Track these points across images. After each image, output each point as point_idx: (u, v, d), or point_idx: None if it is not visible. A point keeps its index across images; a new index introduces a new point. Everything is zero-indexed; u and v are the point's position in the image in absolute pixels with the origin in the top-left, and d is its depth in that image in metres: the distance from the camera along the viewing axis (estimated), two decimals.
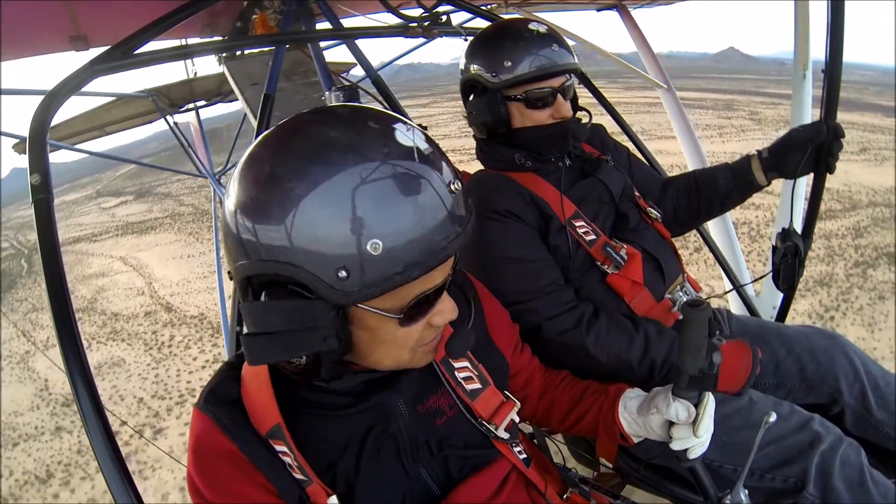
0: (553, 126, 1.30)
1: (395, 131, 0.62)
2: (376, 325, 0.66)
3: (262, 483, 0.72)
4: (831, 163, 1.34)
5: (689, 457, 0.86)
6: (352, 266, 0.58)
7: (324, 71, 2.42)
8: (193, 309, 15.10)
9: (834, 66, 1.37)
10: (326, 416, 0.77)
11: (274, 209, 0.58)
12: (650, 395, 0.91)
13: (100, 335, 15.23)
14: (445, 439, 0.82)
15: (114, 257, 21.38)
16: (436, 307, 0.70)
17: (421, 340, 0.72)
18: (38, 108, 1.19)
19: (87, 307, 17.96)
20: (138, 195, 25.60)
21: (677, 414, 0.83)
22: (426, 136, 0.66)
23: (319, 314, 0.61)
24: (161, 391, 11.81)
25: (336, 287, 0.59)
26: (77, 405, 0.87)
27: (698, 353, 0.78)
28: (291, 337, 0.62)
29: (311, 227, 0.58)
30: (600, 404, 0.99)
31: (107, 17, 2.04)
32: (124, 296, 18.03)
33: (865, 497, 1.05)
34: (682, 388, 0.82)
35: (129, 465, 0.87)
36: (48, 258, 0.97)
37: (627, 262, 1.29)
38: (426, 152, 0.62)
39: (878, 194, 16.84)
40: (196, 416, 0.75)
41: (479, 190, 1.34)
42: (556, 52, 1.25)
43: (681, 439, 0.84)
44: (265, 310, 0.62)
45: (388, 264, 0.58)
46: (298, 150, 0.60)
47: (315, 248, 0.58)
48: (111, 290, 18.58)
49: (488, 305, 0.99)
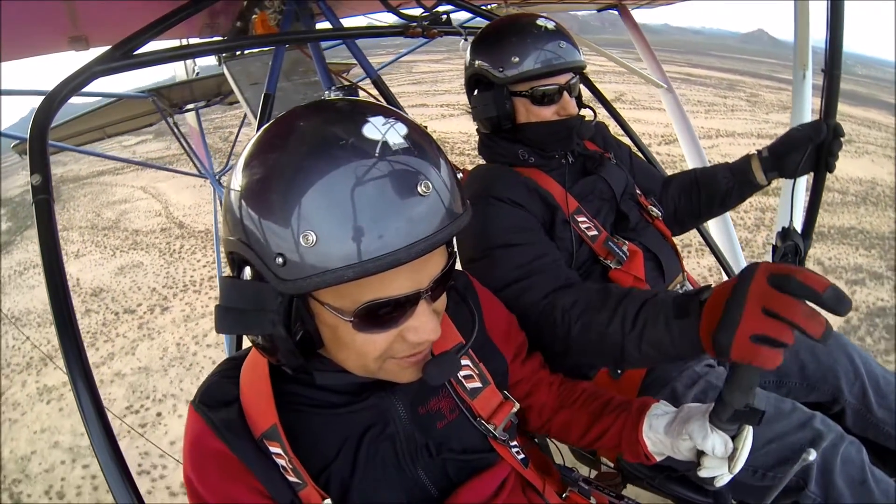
0: (558, 123, 1.29)
1: (367, 123, 0.59)
2: (335, 325, 0.64)
3: (254, 485, 0.72)
4: (831, 162, 1.34)
5: (716, 485, 0.79)
6: (288, 254, 0.57)
7: (324, 71, 2.43)
8: (201, 225, 18.25)
9: (834, 65, 1.37)
10: (323, 413, 0.77)
11: (242, 190, 0.60)
12: (681, 416, 0.83)
13: (123, 246, 18.99)
14: (445, 443, 0.81)
15: (135, 187, 24.49)
16: (408, 322, 0.65)
17: (390, 352, 0.67)
18: (39, 109, 1.19)
19: (112, 226, 21.49)
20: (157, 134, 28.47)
21: (714, 448, 0.75)
22: (409, 133, 0.60)
23: (268, 298, 0.61)
24: (170, 283, 15.14)
25: (275, 273, 0.58)
26: (77, 405, 0.87)
27: (750, 391, 0.72)
28: (245, 315, 0.63)
29: (258, 210, 0.59)
30: (623, 421, 0.91)
31: (107, 17, 2.04)
32: (144, 217, 21.35)
33: (866, 495, 1.04)
34: (722, 421, 0.75)
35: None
36: (48, 258, 0.97)
37: (629, 258, 1.29)
38: (395, 148, 0.57)
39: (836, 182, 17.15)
40: (191, 416, 0.75)
41: (482, 179, 1.33)
42: (563, 48, 1.24)
43: (711, 468, 0.77)
44: (229, 285, 0.65)
45: (323, 259, 0.56)
46: (270, 137, 0.62)
47: (260, 232, 0.58)
48: (133, 212, 21.99)
49: (487, 306, 0.97)
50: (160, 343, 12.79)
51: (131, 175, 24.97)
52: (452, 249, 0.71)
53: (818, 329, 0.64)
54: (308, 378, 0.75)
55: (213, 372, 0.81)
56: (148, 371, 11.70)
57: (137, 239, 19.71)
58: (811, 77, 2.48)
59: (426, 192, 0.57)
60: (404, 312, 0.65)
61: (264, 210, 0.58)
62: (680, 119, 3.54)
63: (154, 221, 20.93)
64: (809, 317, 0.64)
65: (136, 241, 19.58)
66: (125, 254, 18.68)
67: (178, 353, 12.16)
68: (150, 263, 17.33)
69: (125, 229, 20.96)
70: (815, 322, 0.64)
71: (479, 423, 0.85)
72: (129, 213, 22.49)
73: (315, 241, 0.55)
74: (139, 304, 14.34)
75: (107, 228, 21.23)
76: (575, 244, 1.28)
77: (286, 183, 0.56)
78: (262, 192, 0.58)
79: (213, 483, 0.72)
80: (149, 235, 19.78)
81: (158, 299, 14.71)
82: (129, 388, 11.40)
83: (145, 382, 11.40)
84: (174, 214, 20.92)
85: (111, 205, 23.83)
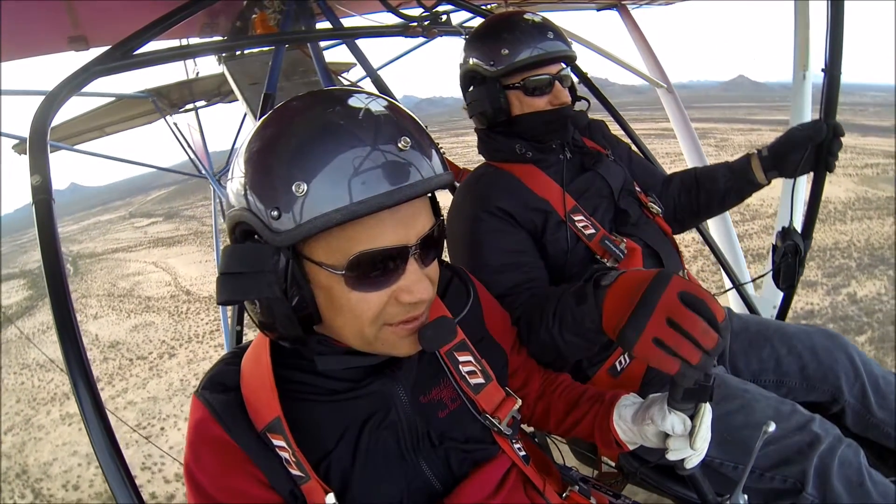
0: (552, 112, 1.31)
1: (352, 96, 0.67)
2: (329, 285, 0.67)
3: (254, 473, 0.72)
4: (831, 161, 1.34)
5: (687, 466, 0.84)
6: (283, 206, 0.62)
7: (323, 71, 2.43)
8: (206, 292, 21.49)
9: (834, 66, 1.37)
10: (323, 401, 0.77)
11: (242, 162, 0.67)
12: (645, 404, 0.89)
13: (137, 310, 22.94)
14: (447, 432, 0.82)
15: (147, 262, 28.07)
16: (400, 282, 0.68)
17: (385, 317, 0.69)
18: (39, 109, 1.19)
19: (127, 294, 25.41)
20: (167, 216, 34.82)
21: (673, 427, 0.80)
22: (389, 104, 0.68)
23: (264, 257, 0.65)
24: (177, 336, 18.65)
25: (270, 227, 0.63)
26: (77, 405, 0.87)
27: None
28: (243, 279, 0.66)
29: (257, 173, 0.65)
30: (596, 410, 0.97)
31: (107, 17, 2.04)
32: (156, 286, 25.18)
33: (864, 497, 1.04)
34: (677, 401, 0.80)
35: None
36: (49, 258, 0.97)
37: (627, 256, 1.29)
38: (377, 113, 0.65)
39: None
40: (194, 404, 0.76)
41: (476, 188, 1.35)
42: (551, 39, 1.27)
43: (677, 450, 0.83)
44: (229, 252, 0.68)
45: (314, 206, 0.61)
46: (267, 120, 0.69)
47: (258, 192, 0.64)
48: (145, 283, 25.83)
49: (485, 300, 1.00)
50: (167, 380, 15.82)
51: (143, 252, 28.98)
52: (441, 217, 0.74)
53: (710, 343, 0.73)
54: (309, 364, 0.76)
55: (216, 362, 0.82)
56: (155, 399, 14.54)
57: (149, 304, 23.61)
58: (811, 77, 2.49)
59: (406, 146, 0.64)
60: (395, 270, 0.68)
61: (263, 173, 0.64)
62: (680, 119, 3.54)
63: (164, 290, 24.79)
64: (705, 332, 0.74)
65: (148, 306, 23.48)
66: (139, 315, 22.62)
67: (181, 387, 14.96)
68: (161, 322, 21.05)
69: (138, 296, 24.94)
70: (708, 337, 0.73)
71: (484, 417, 0.86)
72: (142, 283, 26.59)
73: (306, 190, 0.61)
74: (150, 353, 17.92)
75: (122, 296, 25.38)
76: (570, 243, 1.29)
77: (282, 147, 0.63)
78: (262, 160, 0.65)
79: (212, 469, 0.73)
80: (160, 301, 23.62)
81: (167, 348, 18.10)
82: (139, 412, 14.02)
83: (153, 408, 14.13)
84: (182, 284, 24.81)
85: (125, 276, 28.23)
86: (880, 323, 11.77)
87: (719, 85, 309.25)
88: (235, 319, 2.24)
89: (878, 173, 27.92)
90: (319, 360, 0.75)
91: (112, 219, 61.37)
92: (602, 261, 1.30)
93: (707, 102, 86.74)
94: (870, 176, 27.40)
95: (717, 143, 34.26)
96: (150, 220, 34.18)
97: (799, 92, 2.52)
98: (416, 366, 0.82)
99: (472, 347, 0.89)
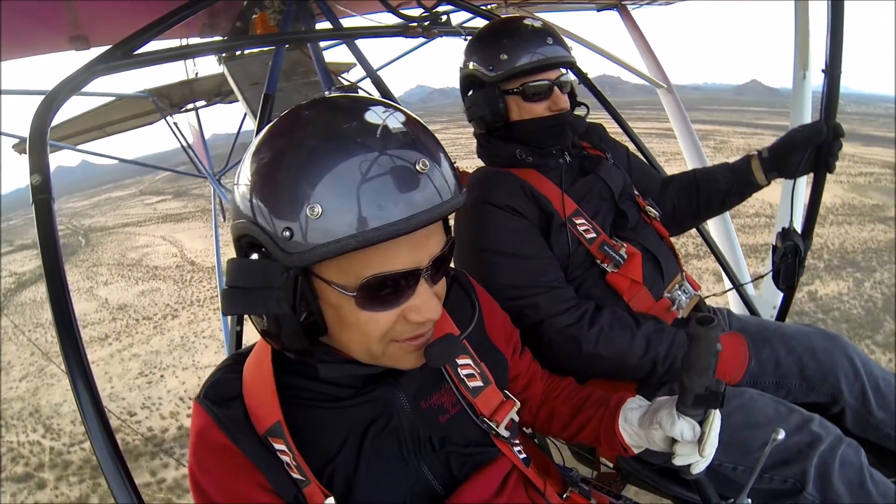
0: (551, 118, 1.31)
1: (369, 110, 0.63)
2: (338, 303, 0.66)
3: (259, 480, 0.72)
4: (831, 162, 1.34)
5: (693, 472, 0.82)
6: (295, 227, 0.60)
7: (323, 71, 2.43)
8: (209, 263, 23.05)
9: (834, 66, 1.37)
10: (326, 408, 0.77)
11: (251, 174, 0.64)
12: (653, 408, 0.87)
13: (144, 277, 24.87)
14: (448, 436, 0.82)
15: (155, 236, 30.82)
16: (410, 301, 0.67)
17: (392, 334, 0.69)
18: (39, 109, 1.20)
19: (136, 263, 27.72)
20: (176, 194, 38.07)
21: (682, 433, 0.79)
22: (407, 120, 0.65)
23: (273, 274, 0.63)
24: (180, 300, 20.37)
25: (281, 247, 0.61)
26: (77, 405, 0.87)
27: (706, 372, 0.75)
28: (251, 294, 0.65)
29: (268, 188, 0.62)
30: (601, 415, 0.96)
31: (107, 17, 2.04)
32: (163, 257, 27.40)
33: (865, 497, 1.04)
34: (687, 406, 0.78)
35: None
36: (48, 258, 0.97)
37: (627, 261, 1.30)
38: (395, 131, 0.62)
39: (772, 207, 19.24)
40: (196, 411, 0.76)
41: (480, 184, 1.35)
42: (550, 45, 1.27)
43: (684, 455, 0.81)
44: (236, 266, 0.67)
45: (327, 230, 0.59)
46: (276, 128, 0.66)
47: (268, 208, 0.62)
48: (153, 254, 28.30)
49: (485, 304, 0.99)
50: (169, 337, 17.89)
51: (152, 227, 31.56)
52: (451, 235, 0.73)
53: None
54: (312, 371, 0.76)
55: (217, 368, 0.81)
56: (157, 353, 16.33)
57: (156, 272, 25.91)
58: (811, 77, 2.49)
59: (424, 169, 0.61)
60: (406, 290, 0.67)
61: (273, 188, 0.62)
62: (680, 119, 3.54)
63: (171, 260, 26.95)
64: None
65: (155, 274, 25.84)
66: (146, 282, 24.99)
67: (181, 343, 16.89)
68: (166, 288, 23.38)
69: (146, 266, 27.42)
70: None
71: (482, 420, 0.86)
72: (150, 254, 29.27)
73: (321, 212, 0.59)
74: (155, 314, 20.32)
75: (131, 265, 27.88)
76: (571, 247, 1.29)
77: (294, 162, 0.60)
78: (272, 173, 0.62)
79: (217, 476, 0.73)
80: (166, 270, 25.98)
81: (170, 310, 20.34)
82: (142, 363, 15.90)
83: (155, 359, 15.96)
84: (188, 255, 27.08)
85: (135, 248, 30.92)
86: (835, 320, 12.04)
87: (732, 88, 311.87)
88: (235, 320, 2.24)
89: (870, 182, 28.72)
90: (322, 367, 0.75)
91: (123, 196, 64.64)
92: (602, 265, 1.29)
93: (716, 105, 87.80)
94: (861, 184, 28.41)
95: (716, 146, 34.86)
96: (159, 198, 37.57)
97: (799, 92, 2.52)
98: (417, 372, 0.81)
99: (471, 351, 0.89)
